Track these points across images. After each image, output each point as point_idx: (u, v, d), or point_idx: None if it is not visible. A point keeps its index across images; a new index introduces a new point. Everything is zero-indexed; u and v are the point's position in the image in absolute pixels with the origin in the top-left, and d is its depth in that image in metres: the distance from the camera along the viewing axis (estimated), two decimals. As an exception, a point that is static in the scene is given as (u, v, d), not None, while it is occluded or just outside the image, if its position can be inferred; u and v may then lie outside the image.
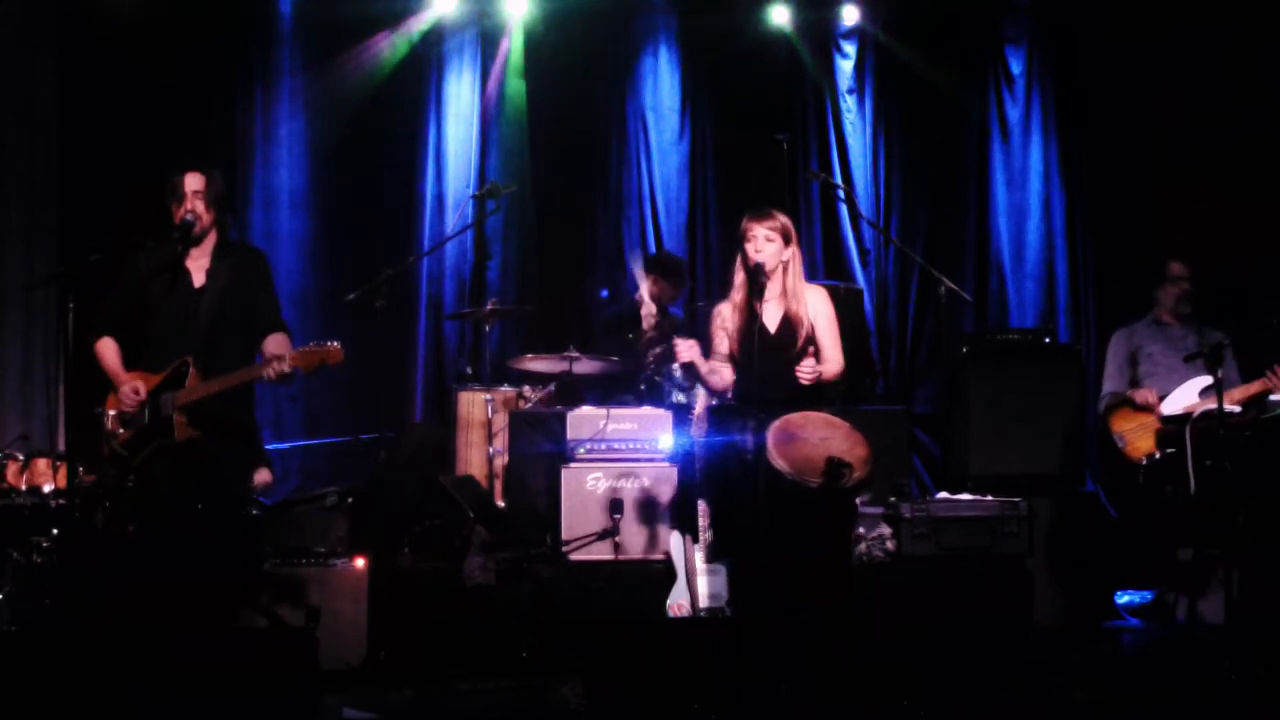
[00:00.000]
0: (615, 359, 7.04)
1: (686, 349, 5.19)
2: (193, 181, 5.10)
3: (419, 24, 8.40)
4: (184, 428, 4.98)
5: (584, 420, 6.38)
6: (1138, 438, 6.20)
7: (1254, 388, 6.04)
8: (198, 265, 5.15)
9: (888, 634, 4.86)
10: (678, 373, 6.74)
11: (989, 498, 6.19)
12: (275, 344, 5.12)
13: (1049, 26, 8.59)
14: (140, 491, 5.04)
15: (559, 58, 8.44)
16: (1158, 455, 6.09)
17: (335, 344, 4.98)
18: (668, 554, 5.69)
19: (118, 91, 7.76)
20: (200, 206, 5.09)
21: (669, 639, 4.68)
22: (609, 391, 7.19)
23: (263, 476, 6.34)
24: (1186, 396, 6.16)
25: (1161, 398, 6.22)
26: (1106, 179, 8.37)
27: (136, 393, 5.00)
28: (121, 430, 5.04)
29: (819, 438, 4.93)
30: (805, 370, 5.11)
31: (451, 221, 8.24)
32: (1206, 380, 5.98)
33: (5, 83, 7.57)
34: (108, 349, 5.13)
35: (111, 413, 5.06)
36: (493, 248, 8.40)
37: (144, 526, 5.03)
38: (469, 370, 7.81)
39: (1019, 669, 4.91)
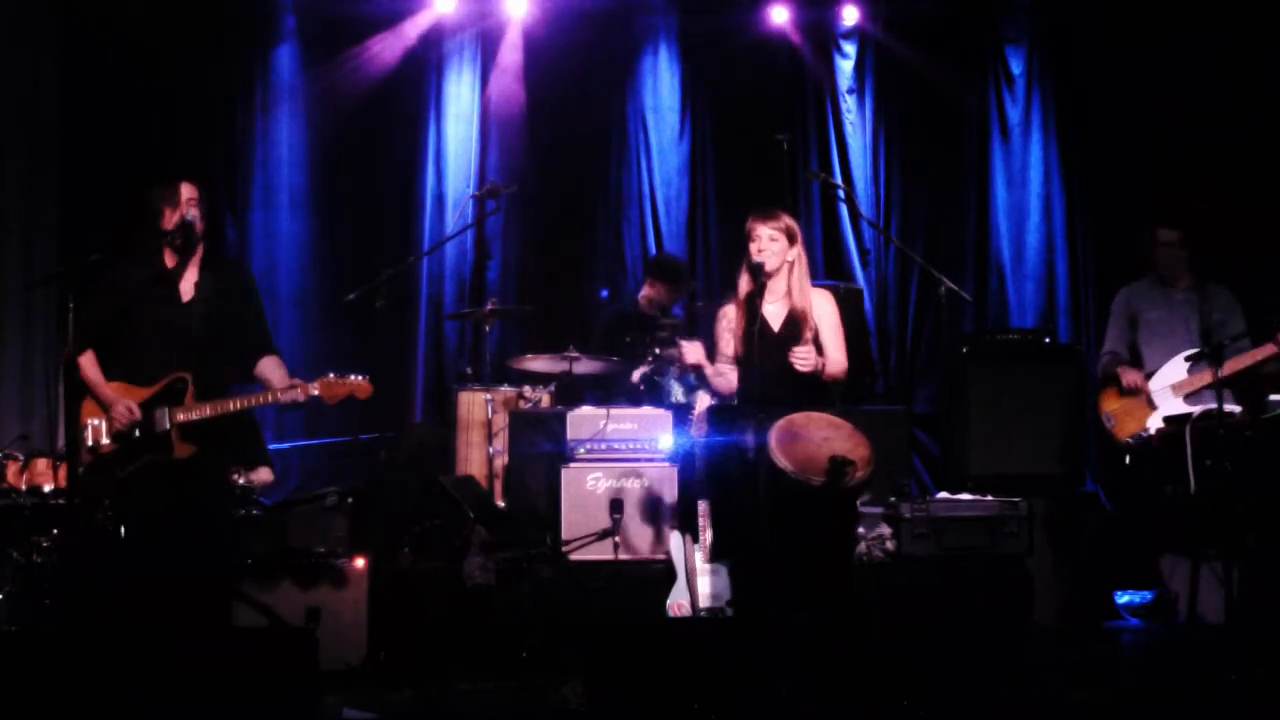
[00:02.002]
0: (615, 359, 7.04)
1: (692, 351, 5.18)
2: (188, 190, 5.11)
3: (419, 24, 8.40)
4: (182, 445, 4.99)
5: (584, 420, 6.38)
6: (1125, 418, 6.19)
7: (1259, 354, 6.01)
8: (184, 278, 5.13)
9: (888, 634, 4.85)
10: (677, 373, 6.74)
11: (989, 498, 6.18)
12: (272, 368, 5.15)
13: (1049, 26, 8.59)
14: (133, 499, 5.03)
15: (559, 58, 8.44)
16: (1144, 435, 6.09)
17: (363, 378, 4.98)
18: (668, 554, 5.69)
19: (118, 91, 7.75)
20: (196, 214, 5.09)
21: (669, 639, 4.67)
22: (609, 391, 7.19)
23: (263, 476, 6.33)
24: (1175, 372, 6.15)
25: (1151, 374, 6.21)
26: (1106, 179, 8.36)
27: (130, 411, 4.98)
28: (105, 441, 5.03)
29: (822, 437, 4.94)
30: (800, 354, 5.10)
31: (451, 221, 8.24)
32: (1192, 351, 6.04)
33: (5, 83, 7.56)
34: (88, 361, 5.07)
35: (94, 423, 5.03)
36: (493, 248, 8.39)
37: (137, 530, 5.01)
38: (469, 370, 7.81)
39: (1019, 669, 4.90)
